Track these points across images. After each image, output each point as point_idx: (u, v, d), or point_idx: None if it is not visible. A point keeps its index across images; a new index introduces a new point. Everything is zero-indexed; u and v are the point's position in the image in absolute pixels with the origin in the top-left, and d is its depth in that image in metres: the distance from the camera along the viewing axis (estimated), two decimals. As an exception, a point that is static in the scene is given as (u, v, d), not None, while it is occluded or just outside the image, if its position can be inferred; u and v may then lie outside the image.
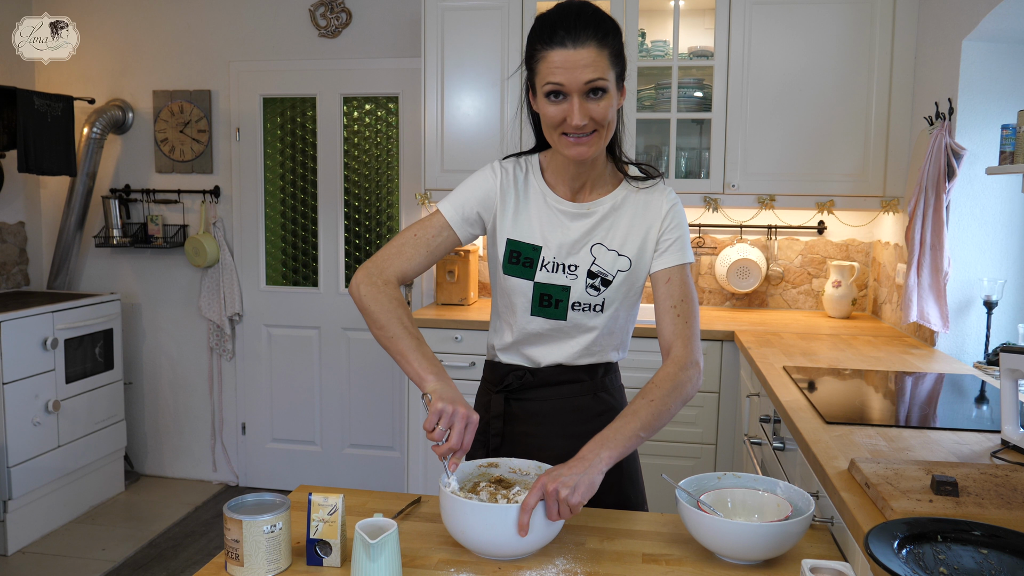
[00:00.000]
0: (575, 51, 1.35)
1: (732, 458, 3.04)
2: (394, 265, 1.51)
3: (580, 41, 1.35)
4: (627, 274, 1.52)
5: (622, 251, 1.51)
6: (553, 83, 1.37)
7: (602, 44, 1.36)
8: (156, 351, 4.20)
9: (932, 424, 1.76)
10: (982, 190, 2.62)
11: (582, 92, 1.37)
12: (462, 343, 3.15)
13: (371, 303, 1.45)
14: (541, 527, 1.24)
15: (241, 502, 1.23)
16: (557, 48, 1.36)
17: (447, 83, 3.36)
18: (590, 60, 1.35)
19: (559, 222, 1.53)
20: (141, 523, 3.66)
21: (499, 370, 1.63)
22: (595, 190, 1.54)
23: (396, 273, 1.50)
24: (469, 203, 1.54)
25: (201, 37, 3.97)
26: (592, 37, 1.35)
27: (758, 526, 1.21)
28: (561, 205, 1.53)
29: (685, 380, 1.43)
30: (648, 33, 3.43)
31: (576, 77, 1.35)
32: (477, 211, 1.55)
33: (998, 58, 2.56)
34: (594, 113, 1.38)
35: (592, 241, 1.52)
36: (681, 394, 1.42)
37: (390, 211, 3.96)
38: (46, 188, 4.19)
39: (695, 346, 1.48)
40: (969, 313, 2.66)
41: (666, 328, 1.49)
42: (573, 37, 1.35)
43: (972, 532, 1.11)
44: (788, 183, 3.20)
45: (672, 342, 1.48)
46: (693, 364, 1.46)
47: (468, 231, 1.56)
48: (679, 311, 1.49)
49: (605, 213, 1.52)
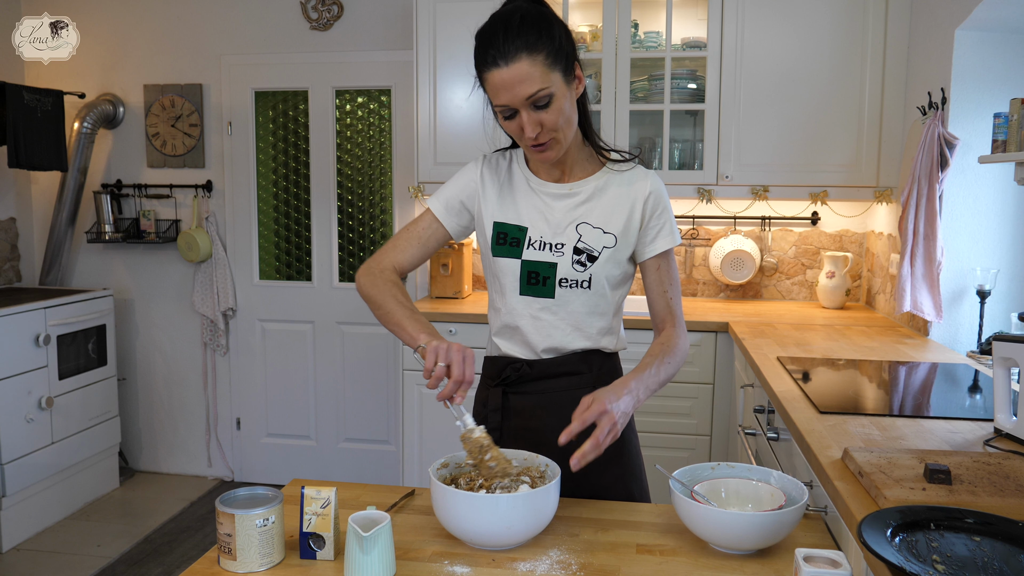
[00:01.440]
0: (507, 68, 1.36)
1: (726, 449, 3.04)
2: (389, 257, 1.60)
3: (510, 57, 1.36)
4: (612, 250, 1.55)
5: (607, 228, 1.55)
6: (498, 105, 1.42)
7: (533, 53, 1.36)
8: (150, 347, 4.19)
9: (925, 413, 1.76)
10: (975, 179, 2.62)
11: (527, 106, 1.40)
12: (457, 336, 3.15)
13: (369, 289, 1.54)
14: (530, 516, 1.24)
15: (233, 496, 1.23)
16: (492, 69, 1.38)
17: (439, 76, 3.35)
18: (524, 75, 1.36)
19: (544, 203, 1.57)
20: (136, 519, 3.65)
21: (497, 364, 1.63)
22: (576, 172, 1.58)
23: (391, 264, 1.59)
24: (452, 195, 1.62)
25: (192, 30, 3.94)
26: (521, 49, 1.36)
27: (752, 516, 1.21)
28: (545, 187, 1.57)
29: (683, 348, 1.56)
30: (641, 24, 3.42)
31: (516, 94, 1.38)
32: (460, 200, 1.61)
33: (991, 47, 2.56)
34: (545, 121, 1.42)
35: (578, 220, 1.55)
36: (681, 359, 1.56)
37: (383, 204, 3.94)
38: (37, 183, 4.17)
39: (681, 315, 1.62)
40: (962, 302, 2.66)
41: (660, 310, 1.60)
42: (503, 55, 1.36)
43: (965, 520, 1.11)
44: (782, 174, 3.20)
45: (665, 318, 1.60)
46: (683, 330, 1.60)
47: (455, 222, 1.62)
48: (670, 294, 1.60)
49: (590, 193, 1.56)
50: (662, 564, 1.23)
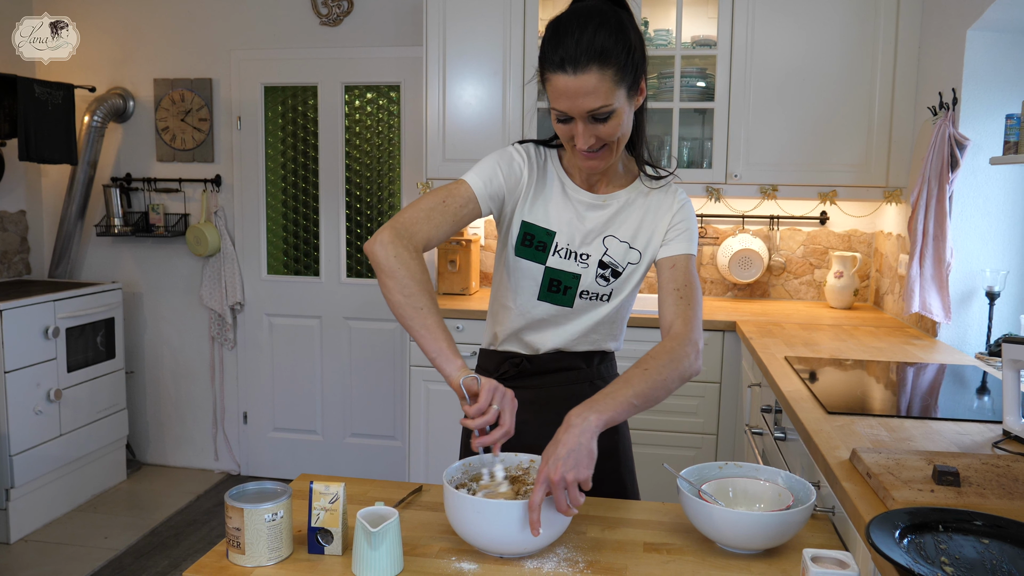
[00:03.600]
0: (575, 78, 1.31)
1: (733, 448, 3.04)
2: (423, 231, 1.40)
3: (580, 67, 1.30)
4: (636, 267, 1.53)
5: (633, 244, 1.52)
6: (557, 110, 1.37)
7: (604, 66, 1.31)
8: (158, 340, 4.20)
9: (934, 415, 1.76)
10: (985, 181, 2.61)
11: (586, 118, 1.35)
12: (464, 332, 3.15)
13: (398, 266, 1.33)
14: (548, 524, 1.20)
15: (242, 490, 1.23)
16: (559, 73, 1.32)
17: (449, 72, 3.35)
18: (591, 87, 1.31)
19: (575, 211, 1.53)
20: (143, 512, 3.67)
21: (495, 358, 1.63)
22: (611, 184, 1.55)
23: (423, 239, 1.40)
24: (496, 179, 1.49)
25: (202, 25, 3.95)
26: (593, 61, 1.30)
27: (759, 515, 1.21)
28: (579, 195, 1.53)
29: (683, 355, 1.38)
30: (651, 22, 3.41)
31: (579, 105, 1.33)
32: (504, 188, 1.50)
33: (1002, 48, 2.55)
34: (601, 134, 1.37)
35: (606, 232, 1.52)
36: (678, 368, 1.36)
37: (391, 201, 3.95)
38: (47, 177, 4.19)
39: (695, 326, 1.43)
40: (971, 304, 2.65)
41: (668, 310, 1.46)
42: (573, 63, 1.30)
43: (974, 522, 1.11)
44: (791, 173, 3.19)
45: (672, 321, 1.44)
46: (692, 342, 1.40)
47: (489, 206, 1.50)
48: (682, 294, 1.46)
49: (620, 206, 1.53)
50: (669, 563, 1.23)
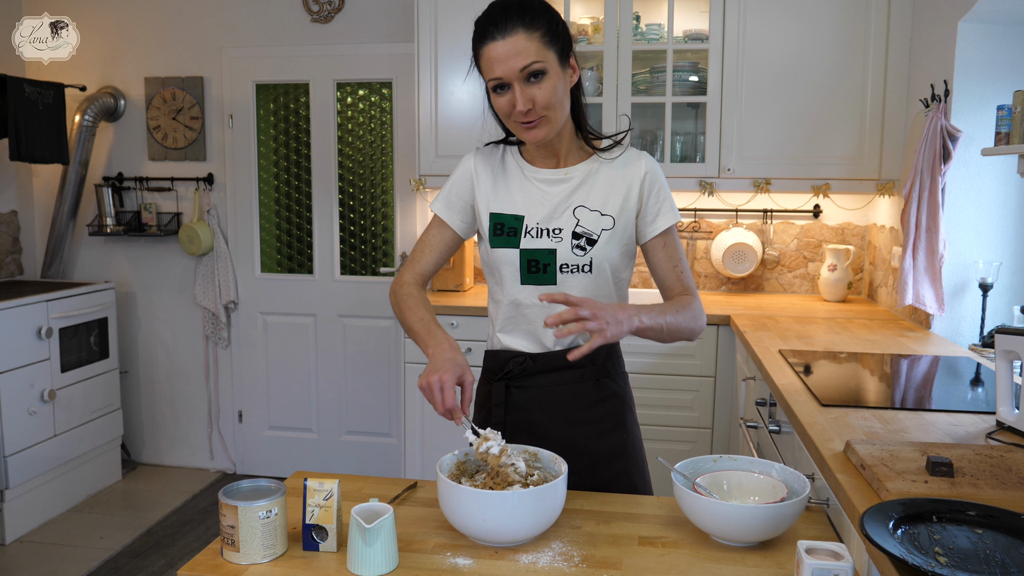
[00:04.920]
0: (504, 41, 1.42)
1: (728, 441, 3.05)
2: (411, 271, 1.63)
3: (507, 31, 1.42)
4: (611, 232, 1.55)
5: (604, 210, 1.56)
6: (493, 77, 1.45)
7: (531, 28, 1.42)
8: (151, 340, 4.19)
9: (927, 406, 1.76)
10: (978, 172, 2.61)
11: (521, 79, 1.44)
12: (459, 329, 3.15)
13: (393, 303, 1.60)
14: (537, 513, 1.23)
15: (237, 488, 1.23)
16: (488, 43, 1.43)
17: (441, 68, 3.34)
18: (520, 47, 1.42)
19: (538, 190, 1.58)
20: (138, 511, 3.66)
21: (499, 357, 1.63)
22: (569, 159, 1.60)
23: (410, 277, 1.62)
24: (451, 192, 1.64)
25: (193, 23, 3.93)
26: (518, 24, 1.42)
27: (754, 508, 1.21)
28: (539, 174, 1.59)
29: (699, 313, 1.53)
30: (643, 16, 3.40)
31: (510, 66, 1.42)
32: (460, 196, 1.63)
33: (994, 39, 2.55)
34: (536, 96, 1.45)
35: (574, 204, 1.56)
36: (696, 325, 1.52)
37: (385, 197, 3.94)
38: (38, 176, 4.17)
39: (696, 292, 1.59)
40: (964, 295, 2.66)
41: (673, 286, 1.59)
42: (500, 29, 1.42)
43: (967, 512, 1.11)
44: (784, 167, 3.19)
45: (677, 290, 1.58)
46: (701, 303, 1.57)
47: (459, 220, 1.63)
48: (680, 268, 1.59)
49: (584, 177, 1.58)
50: (664, 556, 1.23)
